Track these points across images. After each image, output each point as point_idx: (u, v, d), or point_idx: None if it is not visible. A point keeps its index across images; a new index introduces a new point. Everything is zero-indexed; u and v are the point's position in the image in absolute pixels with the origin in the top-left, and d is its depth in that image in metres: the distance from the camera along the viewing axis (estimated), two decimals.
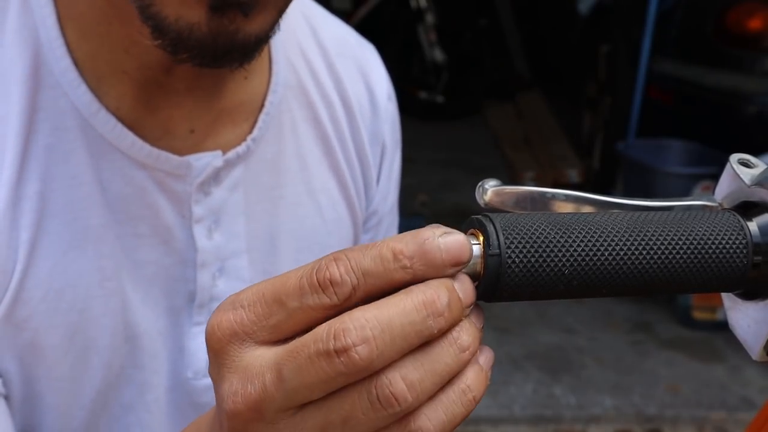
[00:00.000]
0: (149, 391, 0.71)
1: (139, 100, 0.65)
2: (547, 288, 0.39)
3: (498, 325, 3.07)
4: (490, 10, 5.68)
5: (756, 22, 3.47)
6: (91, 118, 0.64)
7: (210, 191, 0.69)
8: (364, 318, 0.36)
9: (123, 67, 0.64)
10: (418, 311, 0.37)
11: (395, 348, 0.36)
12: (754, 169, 0.44)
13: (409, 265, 0.37)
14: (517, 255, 0.38)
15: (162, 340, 0.71)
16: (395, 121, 0.87)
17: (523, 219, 0.40)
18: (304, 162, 0.77)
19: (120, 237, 0.67)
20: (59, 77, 0.63)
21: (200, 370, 0.72)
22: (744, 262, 0.41)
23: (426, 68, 5.26)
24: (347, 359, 0.35)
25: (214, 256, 0.71)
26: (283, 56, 0.75)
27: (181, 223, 0.69)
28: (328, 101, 0.78)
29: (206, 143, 0.69)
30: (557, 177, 4.35)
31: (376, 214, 0.85)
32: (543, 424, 2.58)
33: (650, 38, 3.61)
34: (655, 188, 3.22)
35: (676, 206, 0.45)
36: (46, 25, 0.63)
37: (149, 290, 0.69)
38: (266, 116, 0.73)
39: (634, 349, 2.99)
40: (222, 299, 0.71)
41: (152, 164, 0.66)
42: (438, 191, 4.23)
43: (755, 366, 2.83)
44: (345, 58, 0.81)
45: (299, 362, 0.36)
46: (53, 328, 0.65)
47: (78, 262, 0.65)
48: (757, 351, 0.43)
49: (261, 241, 0.74)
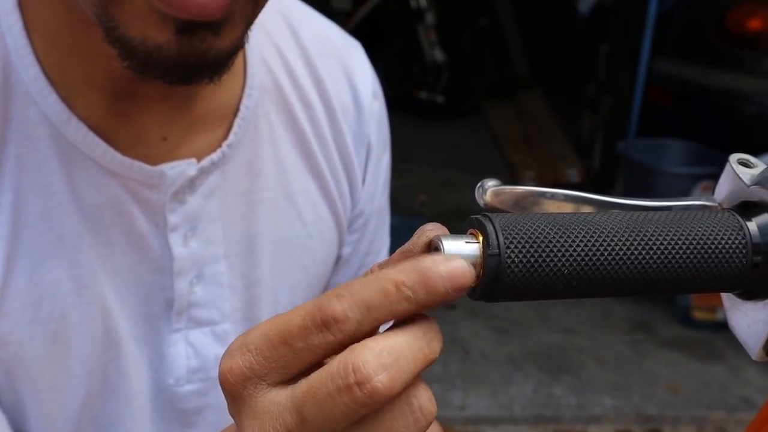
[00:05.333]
0: (133, 399, 0.70)
1: (109, 109, 0.65)
2: (546, 288, 0.39)
3: (498, 325, 3.07)
4: (490, 10, 5.68)
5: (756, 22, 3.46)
6: (62, 127, 0.63)
7: (185, 199, 0.69)
8: (378, 348, 0.37)
9: (92, 77, 0.63)
10: (425, 335, 0.38)
11: (409, 373, 0.37)
12: (753, 169, 0.44)
13: (412, 295, 0.37)
14: (517, 255, 0.38)
15: (141, 348, 0.70)
16: (382, 119, 0.85)
17: (523, 219, 0.40)
18: (281, 165, 0.76)
19: (94, 245, 0.66)
20: (28, 86, 0.62)
21: (181, 377, 0.72)
22: (743, 262, 0.41)
23: (426, 68, 5.26)
24: (371, 389, 0.36)
25: (191, 263, 0.70)
26: (258, 59, 0.74)
27: (155, 232, 0.68)
28: (307, 102, 0.77)
29: (180, 150, 0.69)
30: (557, 177, 4.35)
31: (363, 215, 0.84)
32: (543, 424, 2.58)
33: (650, 38, 3.60)
34: (655, 188, 3.22)
35: (676, 206, 0.44)
36: (13, 33, 0.62)
37: (126, 297, 0.68)
38: (242, 121, 0.72)
39: (634, 349, 2.99)
40: (200, 305, 0.72)
41: (124, 173, 0.65)
42: (438, 191, 4.23)
43: (755, 366, 2.83)
44: (326, 57, 0.80)
45: (319, 400, 0.37)
46: (34, 339, 0.64)
47: (54, 271, 0.64)
48: (756, 351, 0.43)
49: (239, 246, 0.73)
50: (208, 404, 0.74)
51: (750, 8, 3.46)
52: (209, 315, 0.73)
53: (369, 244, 0.85)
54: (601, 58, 4.16)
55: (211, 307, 0.72)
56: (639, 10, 3.67)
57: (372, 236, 0.86)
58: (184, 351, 0.72)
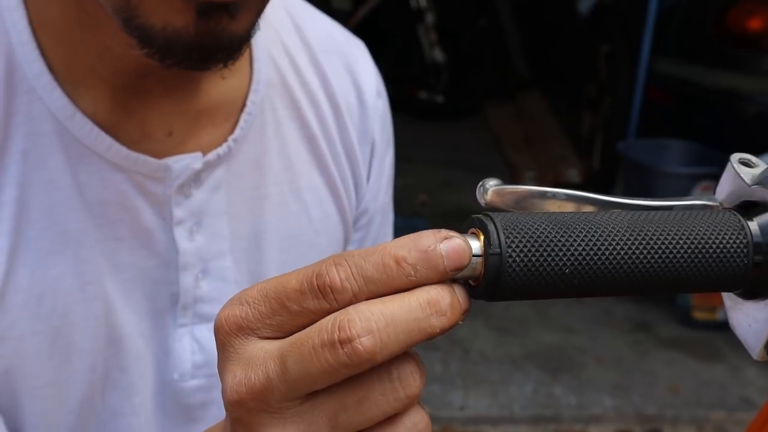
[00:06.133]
0: (136, 394, 0.70)
1: (115, 104, 0.65)
2: (547, 287, 0.39)
3: (498, 325, 3.07)
4: (490, 10, 5.68)
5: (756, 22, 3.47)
6: (67, 122, 0.63)
7: (190, 193, 0.69)
8: (369, 311, 0.36)
9: (97, 72, 0.64)
10: (422, 309, 0.37)
11: (398, 342, 0.37)
12: (754, 169, 0.44)
13: (413, 273, 0.37)
14: (518, 254, 0.38)
15: (146, 343, 0.70)
16: (386, 118, 0.85)
17: (524, 218, 0.40)
18: (288, 161, 0.76)
19: (99, 240, 0.66)
20: (33, 82, 0.63)
21: (186, 372, 0.72)
22: (744, 261, 0.41)
23: (426, 68, 5.26)
24: (351, 350, 0.36)
25: (196, 258, 0.70)
26: (265, 54, 0.74)
27: (161, 226, 0.68)
28: (314, 99, 0.78)
29: (186, 145, 0.69)
30: (557, 177, 4.35)
31: (367, 213, 0.84)
32: (543, 424, 2.58)
33: (650, 38, 3.61)
34: (655, 188, 3.21)
35: (677, 206, 0.44)
36: (18, 29, 0.62)
37: (131, 293, 0.68)
38: (248, 116, 0.72)
39: (634, 349, 2.99)
40: (206, 301, 0.72)
41: (130, 167, 0.66)
42: (438, 191, 4.23)
43: (755, 366, 2.83)
44: (331, 55, 0.80)
45: (303, 352, 0.37)
46: (35, 334, 0.64)
47: (57, 266, 0.65)
48: (757, 351, 0.43)
49: (245, 242, 0.73)
50: (213, 399, 0.74)
51: (750, 8, 3.46)
52: (215, 311, 0.72)
53: (374, 243, 0.86)
54: (601, 58, 4.17)
55: (217, 303, 0.72)
56: (639, 10, 3.67)
57: (376, 235, 0.86)
58: (190, 346, 0.72)
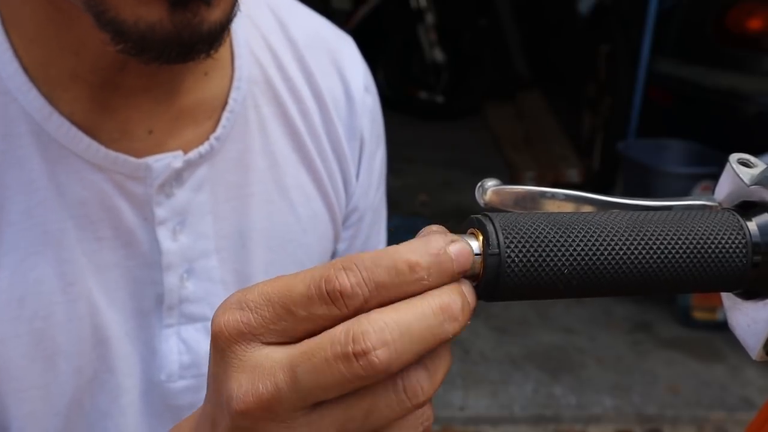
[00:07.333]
0: (124, 395, 0.70)
1: (94, 103, 0.64)
2: (546, 287, 0.39)
3: (498, 325, 3.07)
4: (490, 10, 5.68)
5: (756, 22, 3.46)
6: (44, 123, 0.63)
7: (172, 192, 0.68)
8: (383, 321, 0.36)
9: (75, 71, 0.63)
10: (435, 315, 0.36)
11: (413, 352, 0.36)
12: (753, 169, 0.44)
13: (426, 277, 0.37)
14: (517, 254, 0.38)
15: (132, 343, 0.69)
16: (375, 113, 0.83)
17: (523, 218, 0.40)
18: (273, 159, 0.75)
19: (81, 241, 0.66)
20: (7, 83, 0.62)
21: (173, 373, 0.71)
22: (743, 261, 0.41)
23: (426, 68, 5.26)
24: (366, 363, 0.35)
25: (180, 258, 0.70)
26: (246, 51, 0.73)
27: (143, 226, 0.68)
28: (298, 95, 0.76)
29: (167, 144, 0.68)
30: (557, 177, 4.35)
31: (357, 211, 0.82)
32: (543, 424, 2.58)
33: (650, 38, 3.60)
34: (654, 188, 3.21)
35: (676, 206, 0.45)
36: None
37: (115, 293, 0.68)
38: (230, 114, 0.71)
39: (634, 349, 2.99)
40: (192, 301, 0.71)
41: (109, 167, 0.65)
42: (438, 191, 4.23)
43: (755, 366, 2.83)
44: (316, 51, 0.79)
45: (315, 363, 0.36)
46: (18, 337, 0.64)
47: (38, 268, 0.64)
48: (756, 351, 0.43)
49: (231, 241, 0.73)
50: (201, 400, 0.73)
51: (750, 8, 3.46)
52: (202, 311, 0.72)
53: (365, 241, 0.85)
54: (601, 58, 4.17)
55: (204, 303, 0.72)
56: (639, 10, 3.67)
57: (367, 233, 0.85)
58: (177, 347, 0.71)
